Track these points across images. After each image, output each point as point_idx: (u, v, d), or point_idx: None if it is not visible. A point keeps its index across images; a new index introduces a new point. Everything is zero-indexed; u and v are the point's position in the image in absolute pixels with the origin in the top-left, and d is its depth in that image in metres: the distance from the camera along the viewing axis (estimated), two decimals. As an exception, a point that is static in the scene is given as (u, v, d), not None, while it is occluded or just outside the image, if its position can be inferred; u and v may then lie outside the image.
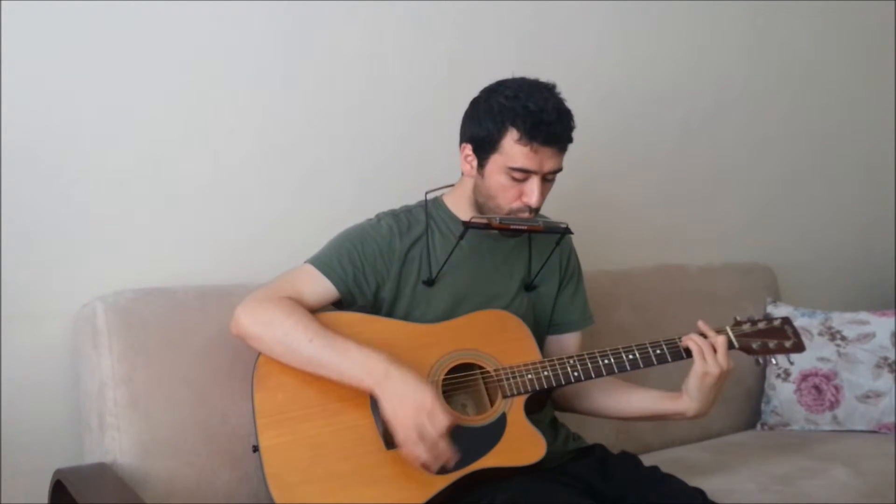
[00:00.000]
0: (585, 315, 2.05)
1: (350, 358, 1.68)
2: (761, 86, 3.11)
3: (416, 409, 1.61)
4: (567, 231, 1.89)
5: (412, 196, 1.96)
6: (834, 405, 2.63)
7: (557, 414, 2.00)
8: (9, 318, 1.89)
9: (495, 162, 1.79)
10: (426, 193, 1.93)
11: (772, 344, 1.88)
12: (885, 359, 2.62)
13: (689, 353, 1.82)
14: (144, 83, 2.01)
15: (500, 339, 1.82)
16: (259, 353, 1.75)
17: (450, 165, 1.91)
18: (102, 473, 1.79)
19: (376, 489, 1.65)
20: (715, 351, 1.80)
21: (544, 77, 1.83)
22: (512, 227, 1.82)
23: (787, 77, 3.17)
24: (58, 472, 1.79)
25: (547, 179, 1.81)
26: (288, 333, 1.70)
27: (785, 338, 1.90)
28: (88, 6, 1.93)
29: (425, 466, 1.63)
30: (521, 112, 1.74)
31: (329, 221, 1.95)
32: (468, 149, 1.84)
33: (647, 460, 1.90)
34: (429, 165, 2.15)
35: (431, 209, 1.92)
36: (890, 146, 3.49)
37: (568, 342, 2.02)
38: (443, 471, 1.64)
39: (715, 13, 2.95)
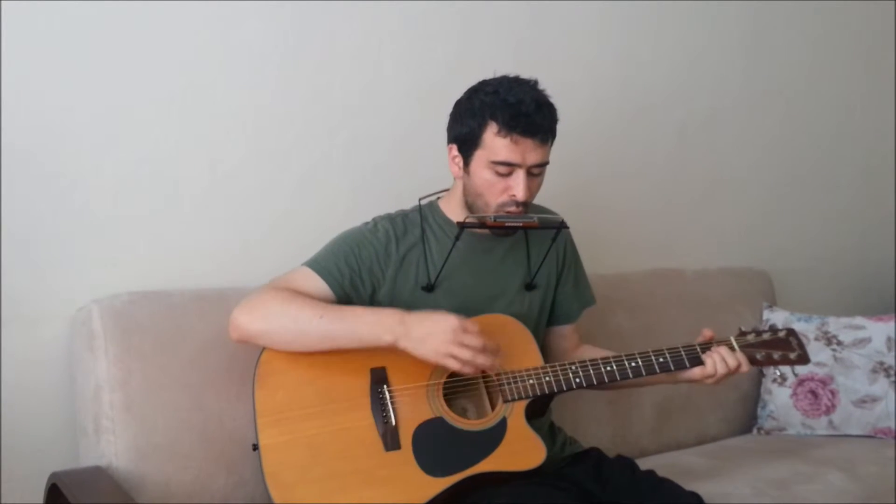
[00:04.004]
0: (587, 300, 2.07)
1: (363, 321, 1.71)
2: (758, 90, 3.11)
3: (448, 337, 1.66)
4: (563, 226, 1.89)
5: (408, 200, 1.96)
6: (830, 410, 2.64)
7: (555, 418, 2.00)
8: (5, 320, 1.88)
9: (479, 158, 1.80)
10: (420, 199, 1.93)
11: (776, 355, 1.88)
12: (881, 363, 2.62)
13: (692, 361, 1.83)
14: (142, 86, 2.01)
15: (502, 344, 1.81)
16: (262, 351, 1.74)
17: (446, 170, 1.91)
18: (98, 477, 1.79)
19: (375, 490, 1.65)
20: (728, 373, 1.83)
21: (542, 81, 1.83)
22: (507, 224, 1.81)
23: (784, 81, 3.18)
24: (53, 475, 1.78)
25: (533, 173, 1.80)
26: (296, 318, 1.71)
27: (790, 349, 1.90)
28: (87, 8, 1.93)
29: (489, 369, 1.73)
30: (499, 105, 1.75)
31: (325, 224, 1.95)
32: (454, 149, 1.85)
33: (644, 464, 1.91)
34: (425, 169, 2.14)
35: (427, 214, 1.92)
36: (888, 150, 3.50)
37: (565, 332, 2.05)
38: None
39: (712, 17, 2.96)
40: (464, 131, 1.81)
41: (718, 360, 1.82)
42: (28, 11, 1.87)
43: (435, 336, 1.67)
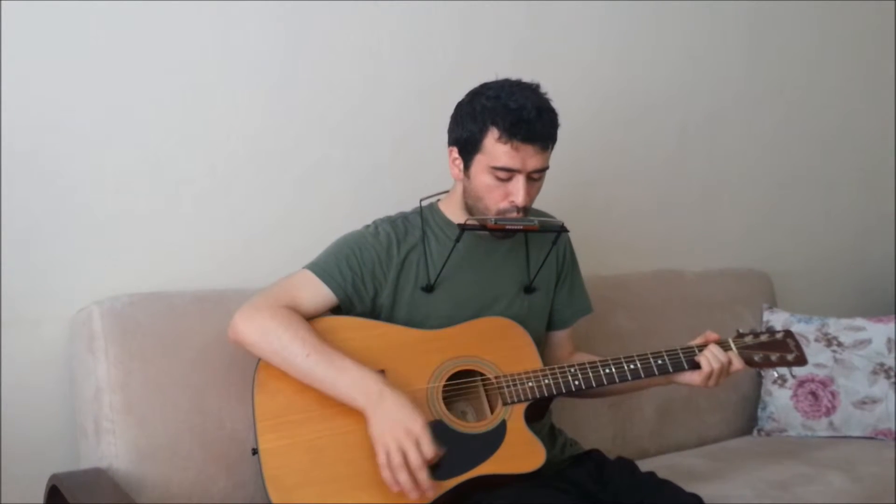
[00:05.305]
0: (582, 308, 2.06)
1: (346, 376, 1.67)
2: (759, 91, 3.11)
3: (405, 433, 1.61)
4: (563, 230, 1.89)
5: (409, 201, 1.96)
6: (830, 411, 2.64)
7: (555, 420, 2.00)
8: (5, 322, 1.88)
9: (479, 162, 1.79)
10: (420, 200, 1.93)
11: (774, 357, 1.89)
12: (882, 365, 2.63)
13: (690, 364, 1.84)
14: (142, 86, 2.01)
15: (501, 346, 1.82)
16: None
17: (446, 170, 1.90)
18: (98, 478, 1.78)
19: (374, 494, 1.65)
20: (723, 374, 1.83)
21: (542, 82, 1.83)
22: (507, 227, 1.81)
23: (784, 82, 3.18)
24: (53, 476, 1.78)
25: (532, 178, 1.80)
26: (285, 346, 1.69)
27: (787, 351, 1.91)
28: (87, 8, 1.92)
29: (403, 492, 1.61)
30: (500, 111, 1.75)
31: (326, 226, 1.95)
32: (454, 152, 1.85)
33: (644, 466, 1.91)
34: (426, 170, 2.15)
35: (427, 215, 1.92)
36: (888, 152, 3.50)
37: (558, 339, 2.05)
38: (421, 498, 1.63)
39: (712, 18, 2.95)
40: (464, 135, 1.81)
41: (711, 357, 1.83)
42: (28, 11, 1.86)
43: (395, 428, 1.61)
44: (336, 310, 1.83)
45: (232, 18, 2.10)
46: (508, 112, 1.74)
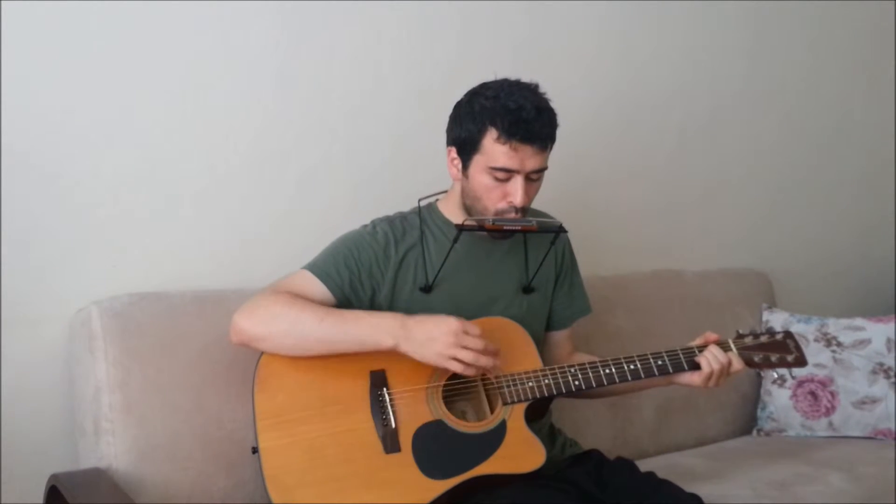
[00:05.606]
0: (581, 308, 2.06)
1: (364, 324, 1.71)
2: (758, 92, 3.11)
3: (452, 336, 1.67)
4: (561, 230, 1.89)
5: (409, 201, 1.95)
6: (830, 411, 2.64)
7: (555, 420, 2.00)
8: (5, 322, 1.88)
9: (478, 163, 1.79)
10: (419, 200, 1.93)
11: (774, 357, 1.89)
12: (881, 365, 2.63)
13: (690, 364, 1.84)
14: (142, 87, 2.01)
15: (501, 346, 1.81)
16: (261, 355, 1.74)
17: (445, 170, 1.90)
18: (97, 478, 1.79)
19: (375, 493, 1.65)
20: (723, 374, 1.84)
21: (541, 82, 1.83)
22: (505, 227, 1.81)
23: (784, 83, 3.18)
24: (53, 476, 1.78)
25: (531, 179, 1.80)
26: (295, 322, 1.70)
27: (787, 352, 1.91)
28: (87, 8, 1.92)
29: (490, 370, 1.74)
30: (499, 111, 1.75)
31: (325, 225, 1.95)
32: (453, 152, 1.85)
33: (644, 466, 1.91)
34: (425, 170, 2.14)
35: (426, 215, 1.92)
36: (888, 152, 3.50)
37: (558, 339, 2.05)
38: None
39: (712, 19, 2.95)
40: (463, 135, 1.80)
41: (711, 358, 1.84)
42: (28, 11, 1.86)
43: (436, 339, 1.67)
44: (335, 310, 1.83)
45: (232, 18, 2.10)
46: (507, 112, 1.74)
